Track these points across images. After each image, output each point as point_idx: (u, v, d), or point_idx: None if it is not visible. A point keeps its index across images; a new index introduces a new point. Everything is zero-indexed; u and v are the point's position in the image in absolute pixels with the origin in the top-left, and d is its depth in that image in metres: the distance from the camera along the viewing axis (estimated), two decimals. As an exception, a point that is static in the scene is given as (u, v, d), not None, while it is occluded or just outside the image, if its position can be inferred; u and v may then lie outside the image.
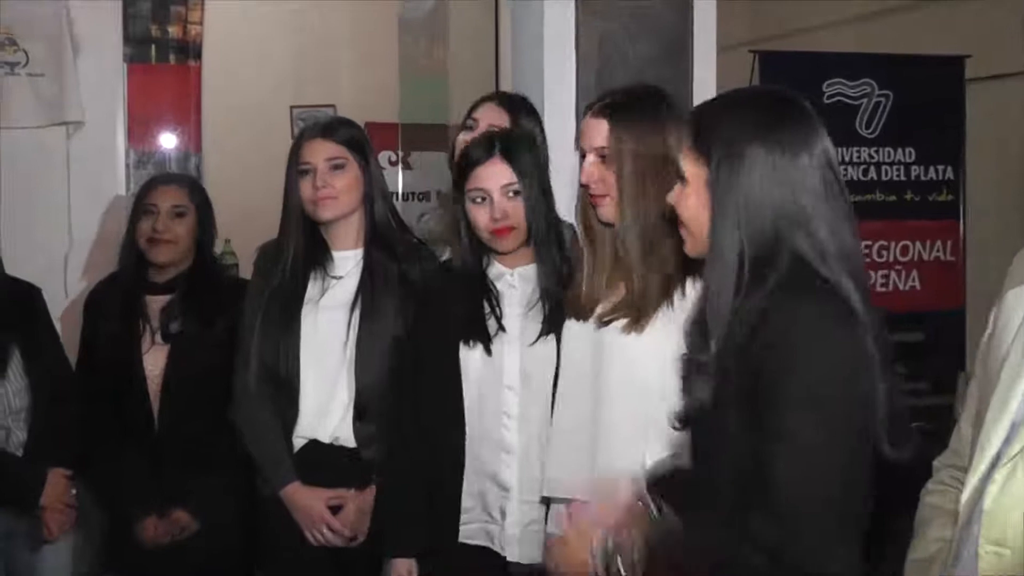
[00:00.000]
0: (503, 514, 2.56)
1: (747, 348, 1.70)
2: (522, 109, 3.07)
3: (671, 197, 1.88)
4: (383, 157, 4.85)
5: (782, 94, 1.86)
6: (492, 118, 3.00)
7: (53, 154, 3.93)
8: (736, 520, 1.70)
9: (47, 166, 3.91)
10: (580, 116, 3.51)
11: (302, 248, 2.88)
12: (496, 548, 2.58)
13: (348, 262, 2.90)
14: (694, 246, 1.86)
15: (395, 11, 5.10)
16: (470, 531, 2.59)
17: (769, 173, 1.74)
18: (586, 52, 3.62)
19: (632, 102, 2.37)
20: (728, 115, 1.81)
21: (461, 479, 2.58)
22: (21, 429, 3.04)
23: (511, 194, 2.55)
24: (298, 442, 2.87)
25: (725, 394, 1.74)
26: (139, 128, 4.32)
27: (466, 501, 2.58)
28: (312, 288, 2.88)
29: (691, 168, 1.82)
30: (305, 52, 5.93)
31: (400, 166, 5.20)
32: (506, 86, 3.87)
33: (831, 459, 1.66)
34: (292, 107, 5.77)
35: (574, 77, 3.61)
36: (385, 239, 2.91)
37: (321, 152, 2.86)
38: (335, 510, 2.85)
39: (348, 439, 2.84)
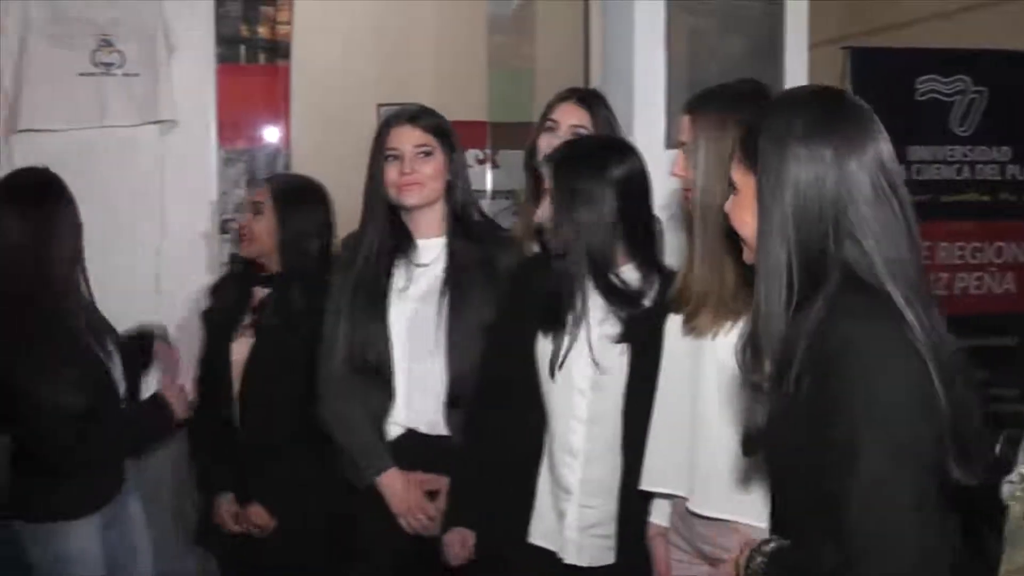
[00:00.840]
0: (562, 516, 2.54)
1: (803, 369, 1.64)
2: (600, 105, 3.05)
3: (726, 206, 1.83)
4: (469, 155, 4.86)
5: (831, 93, 1.79)
6: (573, 118, 2.98)
7: (147, 153, 3.98)
8: (812, 547, 1.65)
9: (141, 164, 3.98)
10: (670, 113, 3.50)
11: (386, 235, 2.89)
12: (558, 551, 2.56)
13: (432, 250, 2.90)
14: (750, 256, 1.80)
15: (482, 9, 5.10)
16: (538, 530, 2.58)
17: (814, 180, 1.66)
18: (676, 49, 3.60)
19: (716, 97, 2.32)
20: (774, 120, 1.72)
21: (537, 468, 2.58)
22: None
23: None
24: (393, 430, 2.87)
25: (784, 416, 1.68)
26: (229, 127, 4.38)
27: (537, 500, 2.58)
28: (397, 276, 2.89)
29: (740, 177, 1.76)
30: (391, 51, 5.97)
31: (488, 164, 5.21)
32: (595, 83, 3.85)
33: (900, 486, 1.58)
34: (379, 105, 5.79)
35: (664, 74, 3.59)
36: (468, 227, 2.92)
37: (409, 139, 2.87)
38: (429, 497, 2.85)
39: (441, 427, 2.84)
